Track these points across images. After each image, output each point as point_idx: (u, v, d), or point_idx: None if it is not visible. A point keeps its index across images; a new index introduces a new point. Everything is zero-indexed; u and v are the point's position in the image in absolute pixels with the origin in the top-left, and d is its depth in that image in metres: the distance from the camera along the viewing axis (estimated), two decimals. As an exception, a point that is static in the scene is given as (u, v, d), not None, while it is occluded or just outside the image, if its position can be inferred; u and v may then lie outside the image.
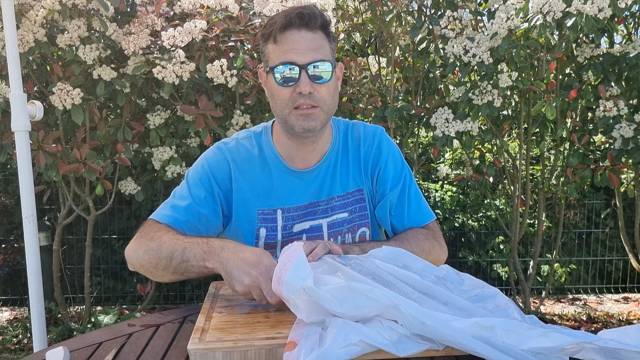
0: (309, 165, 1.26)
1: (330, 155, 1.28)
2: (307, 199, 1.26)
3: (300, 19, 1.10)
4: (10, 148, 2.63)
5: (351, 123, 1.35)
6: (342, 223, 1.28)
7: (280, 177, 1.25)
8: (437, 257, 1.24)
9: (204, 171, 1.24)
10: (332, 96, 1.17)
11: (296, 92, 1.12)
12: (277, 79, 1.13)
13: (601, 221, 3.89)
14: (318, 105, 1.14)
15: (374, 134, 1.32)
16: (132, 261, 1.15)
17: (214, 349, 0.81)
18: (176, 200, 1.22)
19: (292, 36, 1.11)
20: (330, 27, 1.17)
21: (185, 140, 2.83)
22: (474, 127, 2.59)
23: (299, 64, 1.10)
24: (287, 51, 1.11)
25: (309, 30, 1.11)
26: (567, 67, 2.88)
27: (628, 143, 2.54)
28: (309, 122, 1.14)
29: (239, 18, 2.56)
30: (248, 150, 1.27)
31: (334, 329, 0.80)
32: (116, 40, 2.49)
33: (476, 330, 0.78)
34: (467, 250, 3.83)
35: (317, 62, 1.11)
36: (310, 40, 1.11)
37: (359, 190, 1.30)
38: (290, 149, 1.25)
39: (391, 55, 2.89)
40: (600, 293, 3.95)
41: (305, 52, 1.10)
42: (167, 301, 3.70)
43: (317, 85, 1.12)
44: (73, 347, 0.94)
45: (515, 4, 2.41)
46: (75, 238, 3.61)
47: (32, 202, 1.95)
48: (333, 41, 1.19)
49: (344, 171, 1.29)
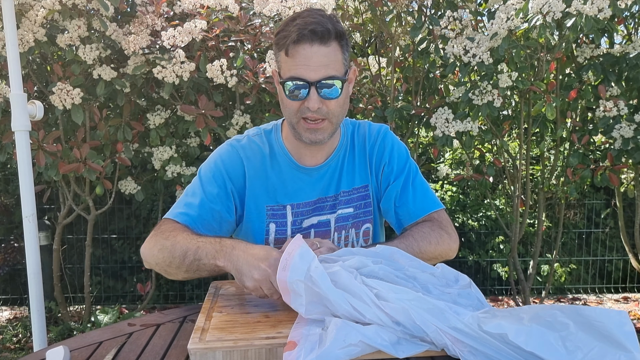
0: (318, 162, 1.29)
1: (339, 153, 1.31)
2: (316, 195, 1.29)
3: (314, 34, 1.09)
4: (11, 148, 2.63)
5: (358, 122, 1.38)
6: (347, 218, 1.31)
7: (289, 173, 1.28)
8: (447, 246, 1.24)
9: (217, 168, 1.26)
10: (342, 107, 1.19)
11: (305, 105, 1.14)
12: (287, 93, 1.14)
13: (601, 221, 3.89)
14: (326, 118, 1.16)
15: (378, 131, 1.34)
16: (147, 259, 1.16)
17: (214, 349, 0.81)
18: (189, 197, 1.23)
19: (304, 51, 1.10)
20: (345, 35, 1.15)
21: (185, 140, 2.83)
22: (474, 127, 2.59)
23: (309, 80, 1.11)
24: (298, 66, 1.10)
25: (322, 45, 1.10)
26: (567, 68, 2.88)
27: (628, 143, 2.54)
28: (316, 135, 1.17)
29: (239, 18, 2.56)
30: (259, 148, 1.29)
31: (333, 329, 0.80)
32: (116, 40, 2.49)
33: None
34: (467, 250, 3.83)
35: (328, 79, 1.11)
36: (323, 55, 1.10)
37: (364, 186, 1.33)
38: (299, 147, 1.28)
39: (391, 56, 2.90)
40: (600, 293, 3.94)
41: (316, 69, 1.10)
42: (167, 301, 3.70)
43: (326, 100, 1.14)
44: (73, 347, 0.95)
45: (515, 4, 2.42)
46: (75, 237, 3.61)
47: (32, 201, 1.95)
48: (348, 48, 1.17)
49: (350, 168, 1.32)
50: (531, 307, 0.80)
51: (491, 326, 0.78)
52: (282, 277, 0.87)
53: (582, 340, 0.74)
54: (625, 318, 0.75)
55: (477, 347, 0.78)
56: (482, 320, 0.79)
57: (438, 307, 0.83)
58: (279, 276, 0.88)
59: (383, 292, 0.85)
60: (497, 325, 0.77)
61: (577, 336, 0.75)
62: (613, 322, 0.74)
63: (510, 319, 0.78)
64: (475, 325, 0.79)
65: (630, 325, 0.74)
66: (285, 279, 0.86)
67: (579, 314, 0.76)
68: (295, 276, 0.85)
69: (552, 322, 0.76)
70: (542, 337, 0.75)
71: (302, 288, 0.85)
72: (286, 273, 0.86)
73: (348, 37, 1.17)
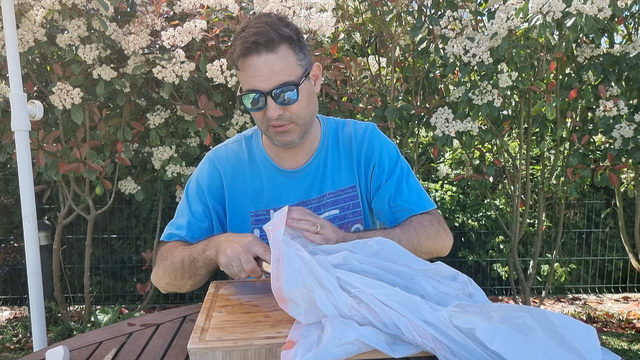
0: (299, 164, 1.29)
1: (320, 154, 1.30)
2: (299, 198, 1.29)
3: (257, 45, 1.08)
4: (10, 147, 2.63)
5: (342, 121, 1.36)
6: (333, 220, 1.30)
7: (270, 178, 1.29)
8: (443, 242, 1.25)
9: (198, 186, 1.30)
10: (306, 108, 1.18)
11: (266, 115, 1.15)
12: (248, 105, 1.15)
13: (601, 221, 3.89)
14: (292, 122, 1.17)
15: (364, 130, 1.33)
16: (159, 285, 1.23)
17: (213, 348, 0.81)
18: (178, 219, 1.30)
19: (252, 62, 1.09)
20: (294, 34, 1.12)
21: (185, 140, 2.83)
22: (474, 127, 2.59)
23: (262, 91, 1.11)
24: (250, 78, 1.11)
25: (269, 52, 1.08)
26: (567, 67, 2.88)
27: (628, 143, 2.54)
28: (285, 137, 1.19)
29: (239, 18, 2.55)
30: (237, 155, 1.31)
31: (330, 327, 0.80)
32: (116, 40, 2.49)
33: None
34: (467, 250, 3.83)
35: (281, 86, 1.10)
36: (272, 63, 1.09)
37: (351, 187, 1.32)
38: (279, 151, 1.29)
39: (391, 55, 2.90)
40: (600, 293, 3.95)
41: (267, 78, 1.09)
42: (167, 300, 3.69)
43: (286, 106, 1.14)
44: (73, 347, 0.95)
45: (515, 4, 2.41)
46: (75, 237, 3.61)
47: (32, 201, 1.95)
48: (302, 48, 1.14)
49: (335, 168, 1.31)
50: (502, 306, 0.81)
51: (461, 321, 0.78)
52: (277, 287, 0.87)
53: (546, 346, 0.74)
54: (593, 335, 0.74)
55: (453, 347, 0.78)
56: (454, 314, 0.80)
57: (413, 301, 0.82)
58: (273, 286, 0.88)
59: (360, 288, 0.86)
60: (466, 321, 0.78)
61: (542, 341, 0.75)
62: (580, 335, 0.74)
63: (481, 317, 0.78)
64: (447, 319, 0.79)
65: (597, 344, 0.74)
66: (281, 289, 0.87)
67: (547, 319, 0.76)
68: (291, 286, 0.85)
69: (519, 324, 0.76)
70: (507, 338, 0.75)
71: (299, 297, 0.85)
72: (280, 284, 0.86)
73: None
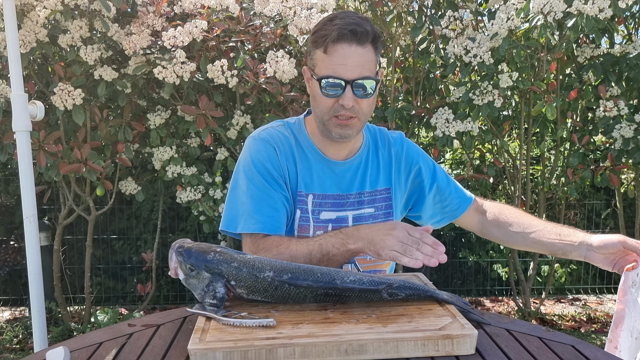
0: (341, 159, 1.33)
1: (362, 153, 1.35)
2: (337, 190, 1.32)
3: (353, 34, 1.13)
4: (11, 148, 2.64)
5: (375, 127, 1.43)
6: (368, 218, 1.34)
7: (316, 163, 1.31)
8: None
9: (260, 164, 1.26)
10: (371, 106, 1.24)
11: (339, 103, 1.17)
12: (323, 90, 1.17)
13: (601, 221, 3.88)
14: (357, 116, 1.20)
15: (401, 138, 1.42)
16: None
17: (214, 349, 0.81)
18: (255, 203, 1.24)
19: (342, 50, 1.14)
20: (380, 38, 1.20)
21: (186, 140, 2.83)
22: (474, 127, 2.59)
23: (345, 79, 1.15)
24: (336, 65, 1.15)
25: (359, 45, 1.14)
26: (568, 68, 2.88)
27: (628, 143, 2.54)
28: (346, 131, 1.21)
29: (239, 18, 2.56)
30: (285, 136, 1.32)
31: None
32: (117, 41, 2.49)
33: None
34: (468, 250, 3.83)
35: (363, 79, 1.15)
36: (360, 55, 1.15)
37: (386, 189, 1.36)
38: (325, 143, 1.31)
39: (392, 56, 2.90)
40: (600, 293, 3.94)
41: (353, 68, 1.14)
42: (167, 301, 3.70)
43: (359, 99, 1.18)
44: (73, 347, 0.95)
45: (516, 4, 2.42)
46: (76, 238, 3.61)
47: (32, 202, 1.95)
48: (380, 51, 1.22)
49: (374, 169, 1.36)
50: None
51: None
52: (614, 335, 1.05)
53: None
54: None
55: None
56: None
57: None
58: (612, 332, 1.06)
59: None
60: None
61: None
62: None
63: None
64: None
65: None
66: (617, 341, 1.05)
67: None
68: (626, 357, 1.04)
69: None
70: None
71: None
72: (615, 344, 1.05)
73: (381, 39, 1.20)
